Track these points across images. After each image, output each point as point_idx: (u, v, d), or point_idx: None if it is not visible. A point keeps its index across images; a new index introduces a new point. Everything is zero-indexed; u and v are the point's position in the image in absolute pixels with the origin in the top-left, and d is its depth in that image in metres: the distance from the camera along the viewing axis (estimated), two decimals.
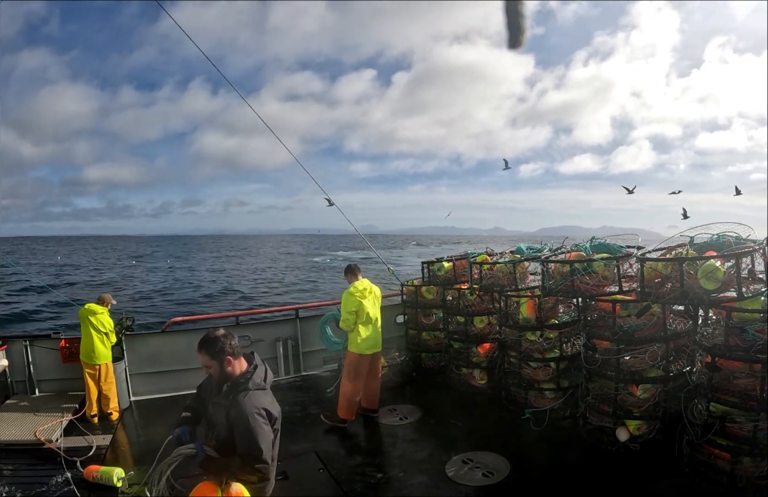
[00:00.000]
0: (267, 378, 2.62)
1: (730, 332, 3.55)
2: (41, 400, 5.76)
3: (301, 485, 4.13)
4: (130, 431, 5.40)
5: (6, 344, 5.97)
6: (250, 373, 2.54)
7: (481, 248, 6.80)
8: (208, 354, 2.51)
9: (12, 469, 4.33)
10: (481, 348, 5.98)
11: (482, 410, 5.51)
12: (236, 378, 2.53)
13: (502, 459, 4.24)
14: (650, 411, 4.17)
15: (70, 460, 4.41)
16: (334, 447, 4.78)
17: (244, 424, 2.39)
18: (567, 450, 4.42)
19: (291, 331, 7.02)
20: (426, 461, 4.38)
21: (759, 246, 3.80)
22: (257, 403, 2.46)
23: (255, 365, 2.60)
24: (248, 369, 2.57)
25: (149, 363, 6.22)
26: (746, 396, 3.45)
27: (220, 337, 2.52)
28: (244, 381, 2.50)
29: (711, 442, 3.58)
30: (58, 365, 5.97)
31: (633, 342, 4.17)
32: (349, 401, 5.11)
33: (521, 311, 5.19)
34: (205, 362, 2.52)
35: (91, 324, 5.53)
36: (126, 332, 6.26)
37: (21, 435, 4.85)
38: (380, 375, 5.54)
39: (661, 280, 4.06)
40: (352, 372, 5.10)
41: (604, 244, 4.83)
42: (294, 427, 5.29)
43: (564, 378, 5.02)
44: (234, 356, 2.53)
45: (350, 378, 5.11)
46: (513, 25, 1.56)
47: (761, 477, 3.38)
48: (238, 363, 2.57)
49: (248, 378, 2.52)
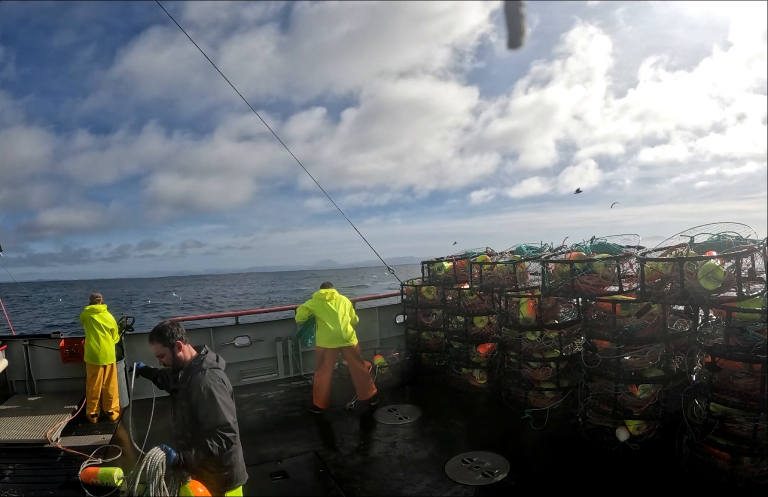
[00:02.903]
0: (219, 361, 2.73)
1: (730, 332, 3.55)
2: (41, 400, 5.76)
3: (301, 485, 4.13)
4: (130, 431, 5.40)
5: (6, 344, 5.97)
6: (203, 356, 2.65)
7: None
8: (161, 342, 2.63)
9: (12, 469, 4.33)
10: (481, 348, 5.98)
11: (482, 410, 5.52)
12: (190, 362, 2.64)
13: (502, 459, 4.23)
14: (650, 411, 4.17)
15: (70, 460, 4.41)
16: (334, 447, 4.79)
17: (206, 397, 2.48)
18: (567, 450, 4.42)
19: (291, 331, 7.02)
20: (426, 461, 4.38)
21: (759, 246, 3.79)
22: (214, 377, 2.56)
23: (206, 350, 2.72)
24: (200, 354, 2.68)
25: (149, 363, 6.21)
26: (746, 396, 3.45)
27: (169, 325, 2.68)
28: (197, 363, 2.61)
29: (711, 442, 3.57)
30: (58, 365, 5.97)
31: (633, 342, 4.17)
32: (317, 389, 5.66)
33: (521, 311, 5.19)
34: (157, 351, 2.65)
35: (96, 324, 5.53)
36: (126, 332, 6.26)
37: (21, 434, 4.85)
38: (367, 368, 5.91)
39: (661, 280, 4.06)
40: (317, 362, 5.78)
41: (604, 243, 4.82)
42: (294, 427, 5.30)
43: (564, 378, 5.02)
44: (183, 341, 2.67)
45: (316, 367, 5.80)
46: (513, 26, 1.55)
47: (761, 477, 3.38)
48: (188, 349, 2.69)
49: (202, 359, 2.63)
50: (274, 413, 5.78)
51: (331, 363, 5.74)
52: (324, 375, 5.64)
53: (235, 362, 6.63)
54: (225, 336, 6.71)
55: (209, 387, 2.49)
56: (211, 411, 2.46)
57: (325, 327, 5.65)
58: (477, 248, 6.56)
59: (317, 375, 5.69)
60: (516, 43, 1.56)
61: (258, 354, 6.86)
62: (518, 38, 1.56)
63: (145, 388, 6.60)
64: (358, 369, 5.72)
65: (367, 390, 5.69)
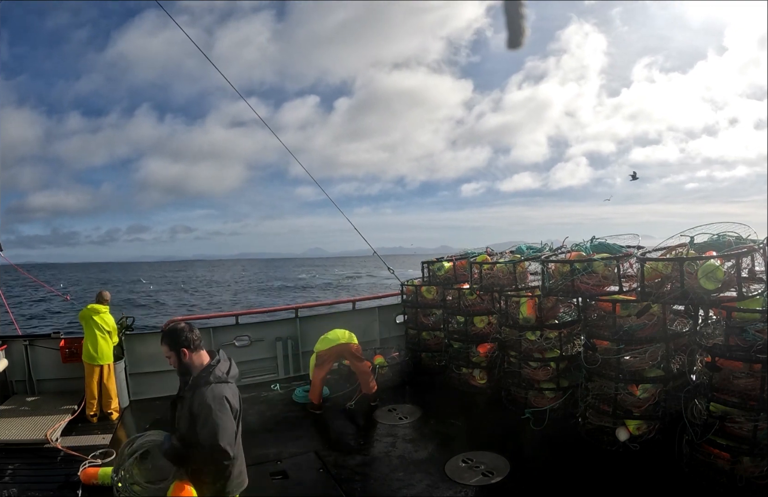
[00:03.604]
0: (230, 372, 2.61)
1: (730, 332, 3.55)
2: (41, 400, 5.76)
3: (301, 485, 4.13)
4: (130, 430, 5.39)
5: (6, 344, 5.97)
6: (213, 366, 2.54)
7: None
8: (167, 345, 2.56)
9: (12, 469, 4.33)
10: (481, 348, 5.97)
11: (482, 410, 5.52)
12: (198, 372, 2.54)
13: (501, 458, 4.24)
14: (650, 411, 4.17)
15: (70, 460, 4.41)
16: (334, 447, 4.78)
17: (205, 415, 2.39)
18: (567, 450, 4.42)
19: (291, 331, 7.02)
20: (426, 461, 4.38)
21: (759, 246, 3.79)
22: (218, 393, 2.45)
23: (218, 359, 2.60)
24: (210, 363, 2.57)
25: (149, 363, 6.22)
26: (746, 396, 3.45)
27: (180, 329, 2.57)
28: (205, 375, 2.51)
29: (711, 442, 3.57)
30: (58, 365, 5.96)
31: (633, 342, 4.17)
32: (312, 386, 5.73)
33: (521, 311, 5.18)
34: (165, 352, 2.57)
35: (95, 324, 5.52)
36: (126, 332, 6.26)
37: (21, 434, 4.85)
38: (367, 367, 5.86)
39: (661, 280, 4.06)
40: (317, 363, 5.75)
41: (604, 243, 4.82)
42: (294, 427, 5.30)
43: (564, 378, 5.02)
44: (190, 349, 2.54)
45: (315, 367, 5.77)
46: (513, 26, 1.55)
47: (761, 477, 3.38)
48: (197, 356, 2.57)
49: (210, 371, 2.52)
50: (274, 413, 5.78)
51: (329, 362, 5.79)
52: (319, 372, 5.68)
53: (235, 362, 6.62)
54: (225, 336, 6.71)
55: (210, 405, 2.40)
56: (208, 431, 2.38)
57: (324, 338, 5.78)
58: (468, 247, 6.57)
59: (314, 373, 5.74)
60: (516, 43, 1.56)
61: (258, 354, 6.86)
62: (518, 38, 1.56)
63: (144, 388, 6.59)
64: (359, 366, 5.77)
65: (369, 385, 5.74)
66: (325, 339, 5.79)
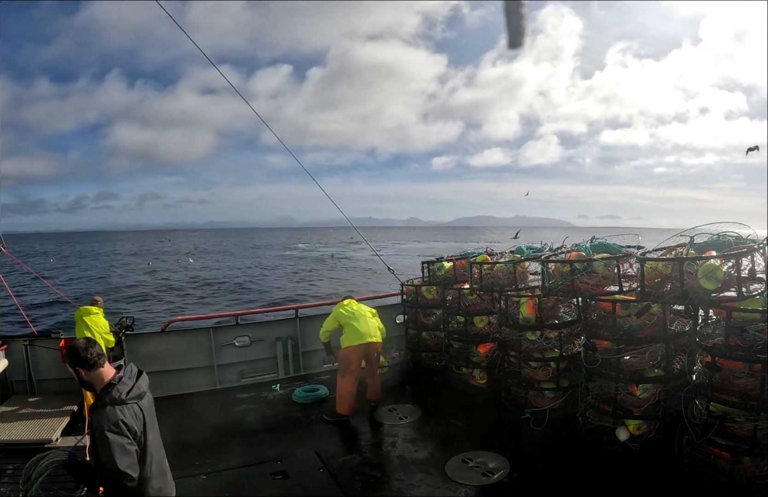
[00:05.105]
0: (131, 392, 2.48)
1: (730, 332, 3.55)
2: (41, 400, 5.76)
3: (301, 485, 4.13)
4: None
5: (6, 344, 5.97)
6: (112, 386, 2.45)
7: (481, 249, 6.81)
8: (68, 364, 2.52)
9: (12, 469, 4.34)
10: (481, 348, 5.98)
11: (482, 410, 5.51)
12: (98, 393, 2.47)
13: (502, 458, 4.24)
14: (650, 411, 4.17)
15: None
16: (334, 447, 4.78)
17: (101, 439, 2.34)
18: (567, 450, 4.42)
19: (291, 331, 7.02)
20: (426, 461, 4.38)
21: (759, 246, 3.79)
22: (113, 417, 2.37)
23: (119, 377, 2.50)
24: (111, 381, 2.47)
25: (149, 363, 6.22)
26: (746, 396, 3.45)
27: (74, 348, 2.49)
28: (103, 395, 2.44)
29: (711, 442, 3.57)
30: (58, 365, 5.96)
31: (633, 342, 4.17)
32: (343, 396, 5.31)
33: (521, 311, 5.19)
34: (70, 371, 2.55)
35: (86, 325, 5.57)
36: (126, 332, 6.26)
37: (21, 434, 4.86)
38: (379, 372, 5.71)
39: (661, 280, 4.06)
40: (343, 366, 5.37)
41: (604, 243, 4.83)
42: (294, 427, 5.30)
43: (564, 378, 5.02)
44: (85, 367, 2.47)
45: (341, 373, 5.38)
46: (513, 26, 1.56)
47: (761, 477, 3.38)
48: (96, 374, 2.49)
49: (108, 391, 2.44)
50: (274, 413, 5.78)
51: (358, 364, 5.37)
52: (350, 379, 5.29)
53: (235, 362, 6.63)
54: (225, 336, 6.71)
55: (103, 428, 2.33)
56: (108, 455, 2.31)
57: (353, 328, 5.36)
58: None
59: (342, 381, 5.30)
60: (516, 42, 1.57)
61: (258, 354, 6.86)
62: (519, 38, 1.57)
63: None
64: (375, 370, 5.61)
65: (377, 392, 5.63)
66: (354, 332, 5.31)
